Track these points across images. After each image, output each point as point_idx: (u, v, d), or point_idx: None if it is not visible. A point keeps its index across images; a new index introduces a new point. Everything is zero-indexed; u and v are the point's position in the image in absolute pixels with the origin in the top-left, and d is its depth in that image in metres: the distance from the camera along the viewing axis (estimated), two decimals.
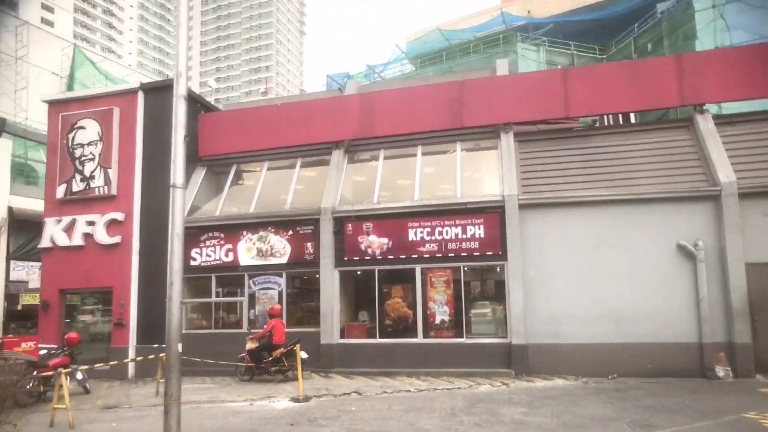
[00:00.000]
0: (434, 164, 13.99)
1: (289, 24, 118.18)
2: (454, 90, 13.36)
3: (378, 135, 13.86)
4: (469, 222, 12.01)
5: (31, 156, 22.81)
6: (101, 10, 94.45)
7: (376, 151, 14.17)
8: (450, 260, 12.01)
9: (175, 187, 5.84)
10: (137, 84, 15.71)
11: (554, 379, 10.50)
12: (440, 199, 12.48)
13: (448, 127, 13.33)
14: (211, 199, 14.91)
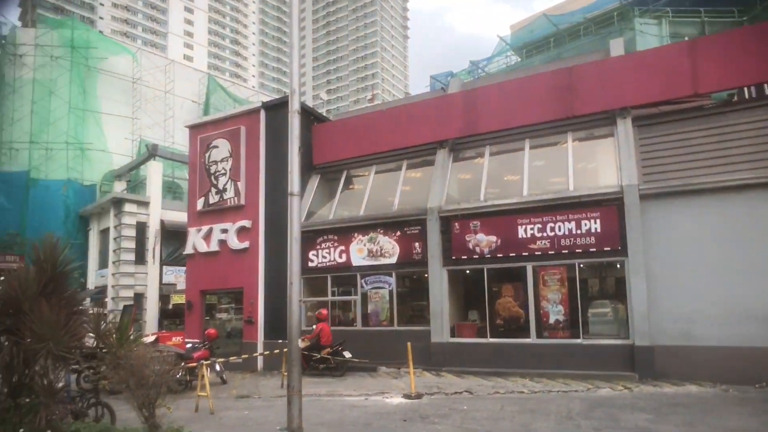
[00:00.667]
0: (543, 157, 13.32)
1: (393, 30, 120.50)
2: (563, 77, 12.61)
3: (482, 132, 13.55)
4: (584, 216, 11.25)
5: (177, 174, 26.03)
6: (229, 41, 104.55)
7: (481, 148, 13.87)
8: (563, 257, 11.35)
9: (292, 195, 6.20)
10: (259, 103, 17.10)
11: (686, 385, 9.39)
12: (551, 194, 11.84)
13: (558, 118, 12.59)
14: (325, 204, 15.77)
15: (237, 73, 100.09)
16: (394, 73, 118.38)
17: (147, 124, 31.40)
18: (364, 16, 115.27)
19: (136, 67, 32.01)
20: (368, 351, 12.63)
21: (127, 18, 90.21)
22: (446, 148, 14.07)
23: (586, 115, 12.38)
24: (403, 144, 14.71)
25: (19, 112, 28.96)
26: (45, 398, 6.02)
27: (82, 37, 30.47)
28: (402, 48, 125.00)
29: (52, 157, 28.10)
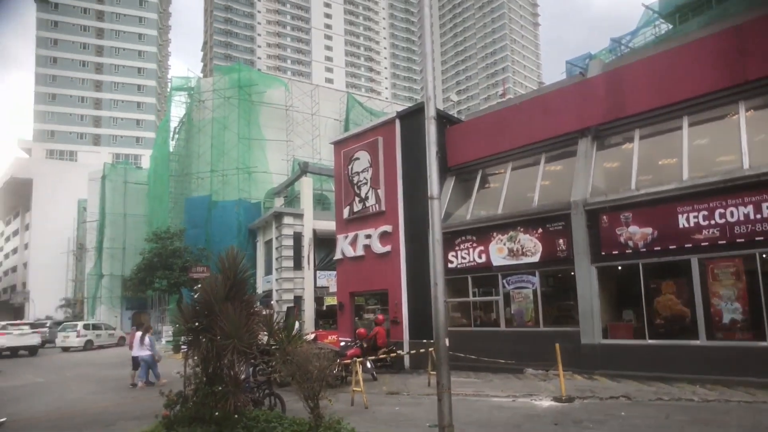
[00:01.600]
0: (706, 134, 11.58)
1: (522, 19, 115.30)
2: (728, 39, 10.83)
3: (630, 114, 12.18)
4: (765, 198, 9.55)
5: (325, 187, 28.24)
6: (363, 58, 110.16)
7: (629, 132, 12.50)
8: (738, 247, 9.74)
9: (432, 199, 6.32)
10: (394, 114, 17.77)
11: None
12: (719, 175, 10.23)
13: (724, 86, 10.81)
14: (461, 205, 15.74)
15: (372, 87, 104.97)
16: (525, 64, 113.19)
17: (298, 144, 34.69)
18: (491, 10, 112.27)
19: (288, 96, 35.61)
20: (513, 352, 12.28)
21: (279, 54, 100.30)
22: (588, 137, 13.04)
23: (763, 78, 10.46)
24: (540, 137, 14.02)
25: (202, 147, 34.28)
26: (232, 387, 7.03)
27: (246, 77, 34.92)
28: (532, 37, 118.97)
29: (227, 181, 32.65)
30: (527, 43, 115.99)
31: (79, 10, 76.76)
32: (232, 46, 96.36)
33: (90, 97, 76.29)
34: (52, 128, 74.10)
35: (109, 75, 77.40)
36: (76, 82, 75.45)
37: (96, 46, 77.17)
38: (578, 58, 26.30)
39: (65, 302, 56.39)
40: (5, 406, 11.54)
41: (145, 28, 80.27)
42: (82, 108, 75.75)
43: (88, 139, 75.65)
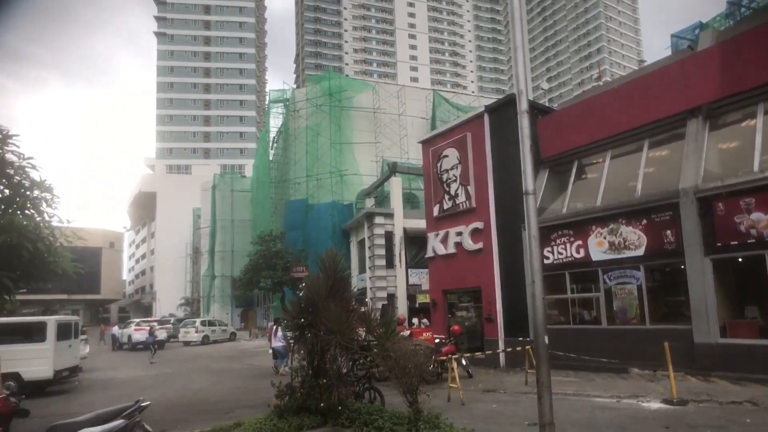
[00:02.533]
0: None
1: None
2: None
3: (752, 86, 10.77)
4: None
5: (414, 186, 28.50)
6: (448, 54, 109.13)
7: (751, 108, 11.09)
8: None
9: (527, 194, 6.18)
10: (482, 108, 17.43)
11: None
12: None
13: None
14: (556, 198, 15.09)
15: (457, 82, 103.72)
16: (623, 42, 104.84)
17: (386, 145, 35.36)
18: None
19: (375, 98, 36.46)
20: (615, 351, 11.54)
21: (365, 58, 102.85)
22: (699, 117, 11.84)
23: None
24: (641, 121, 13.00)
25: (298, 154, 36.30)
26: (336, 380, 7.47)
27: (335, 84, 36.37)
28: (631, 12, 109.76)
29: (321, 185, 34.23)
30: (625, 19, 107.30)
31: (190, 38, 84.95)
32: (321, 56, 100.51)
33: (200, 116, 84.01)
34: (171, 146, 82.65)
35: (215, 94, 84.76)
36: (188, 103, 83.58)
37: (204, 69, 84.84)
38: (686, 29, 23.73)
39: (184, 301, 62.55)
40: (145, 391, 13.19)
41: (244, 47, 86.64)
42: (194, 126, 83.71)
43: (200, 153, 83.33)
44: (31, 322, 15.32)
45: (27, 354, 13.65)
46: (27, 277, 6.62)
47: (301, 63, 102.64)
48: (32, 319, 17.04)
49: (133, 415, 5.26)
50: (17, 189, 6.75)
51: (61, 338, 14.81)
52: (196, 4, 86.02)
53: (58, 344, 14.59)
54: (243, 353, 26.58)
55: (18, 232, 6.22)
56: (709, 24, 22.68)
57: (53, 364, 14.22)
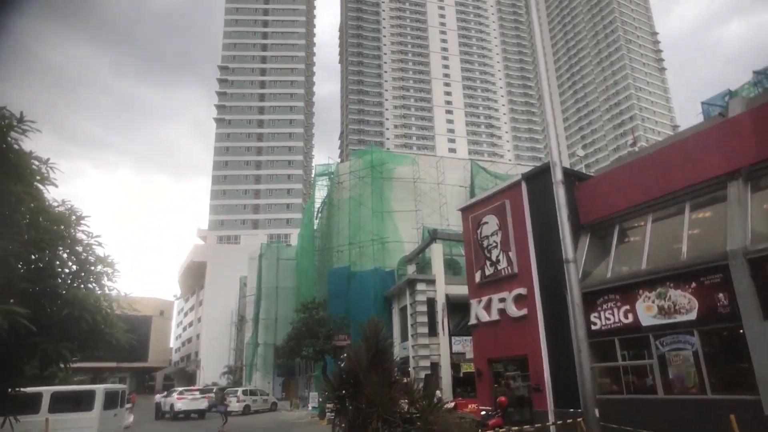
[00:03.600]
0: None
1: (645, 67, 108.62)
2: None
3: None
4: None
5: (455, 252, 28.46)
6: (484, 126, 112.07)
7: None
8: None
9: (568, 262, 6.21)
10: (519, 176, 17.72)
11: None
12: None
13: None
14: (599, 263, 14.78)
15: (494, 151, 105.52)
16: (654, 110, 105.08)
17: (426, 213, 35.92)
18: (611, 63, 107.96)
19: (415, 169, 37.61)
20: (674, 423, 10.72)
21: (405, 132, 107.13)
22: (740, 179, 11.68)
23: None
24: (680, 185, 12.91)
25: (341, 223, 37.37)
26: None
27: (377, 158, 37.99)
28: (659, 81, 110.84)
29: (364, 252, 34.73)
30: (654, 88, 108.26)
31: (245, 122, 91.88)
32: (364, 132, 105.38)
33: (251, 190, 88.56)
34: (222, 218, 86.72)
35: (265, 170, 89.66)
36: (241, 179, 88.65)
37: (256, 148, 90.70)
38: (715, 97, 23.77)
39: (227, 369, 62.35)
40: None
41: (293, 128, 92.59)
42: (245, 199, 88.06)
43: (248, 224, 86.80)
44: (81, 391, 15.50)
45: (73, 423, 13.65)
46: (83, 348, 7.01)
47: (345, 139, 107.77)
48: (82, 387, 17.26)
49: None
50: (83, 264, 7.23)
51: (107, 407, 14.81)
52: (252, 93, 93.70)
53: (104, 413, 14.57)
54: (284, 424, 25.98)
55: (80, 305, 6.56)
56: (738, 92, 22.69)
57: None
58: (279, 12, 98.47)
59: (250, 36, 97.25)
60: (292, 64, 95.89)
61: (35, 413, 12.51)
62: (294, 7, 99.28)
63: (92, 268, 7.31)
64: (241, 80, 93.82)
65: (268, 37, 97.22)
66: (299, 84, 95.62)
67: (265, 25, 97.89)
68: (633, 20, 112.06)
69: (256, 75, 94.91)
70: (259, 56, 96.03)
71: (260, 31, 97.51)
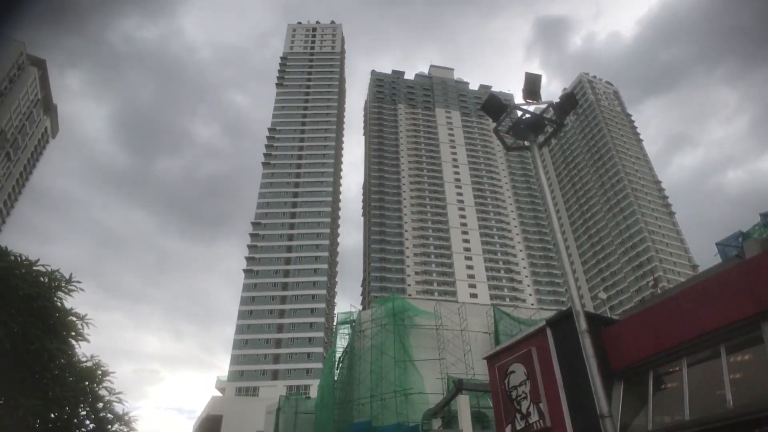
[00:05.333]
0: None
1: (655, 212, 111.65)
2: None
3: None
4: None
5: (482, 404, 26.37)
6: (503, 271, 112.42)
7: None
8: None
9: (603, 417, 5.71)
10: (542, 321, 17.26)
11: None
12: None
13: None
14: (638, 412, 13.47)
15: (515, 296, 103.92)
16: (671, 251, 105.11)
17: (451, 362, 34.20)
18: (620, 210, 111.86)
19: (437, 316, 36.94)
20: None
21: (426, 279, 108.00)
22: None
23: None
24: (711, 326, 12.31)
25: (363, 373, 35.66)
26: None
27: (399, 305, 37.73)
28: (671, 224, 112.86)
29: (386, 405, 32.40)
30: (667, 231, 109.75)
31: (272, 272, 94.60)
32: (386, 279, 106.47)
33: (273, 339, 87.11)
34: (243, 368, 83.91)
35: (288, 318, 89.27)
36: (264, 328, 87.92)
37: (280, 297, 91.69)
38: (729, 238, 24.05)
39: None
40: None
41: (317, 276, 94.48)
42: (267, 348, 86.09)
43: (268, 375, 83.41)
44: None
45: None
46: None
47: (367, 286, 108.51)
48: None
49: None
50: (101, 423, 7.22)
51: None
52: (280, 245, 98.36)
53: None
54: None
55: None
56: (750, 233, 22.99)
57: None
58: (309, 174, 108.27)
59: (282, 195, 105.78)
60: (318, 218, 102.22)
61: None
62: (323, 170, 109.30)
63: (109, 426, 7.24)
64: (272, 234, 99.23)
65: (299, 196, 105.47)
66: (324, 236, 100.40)
67: (297, 186, 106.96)
68: (636, 171, 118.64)
69: (285, 229, 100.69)
70: (289, 212, 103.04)
71: (291, 191, 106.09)
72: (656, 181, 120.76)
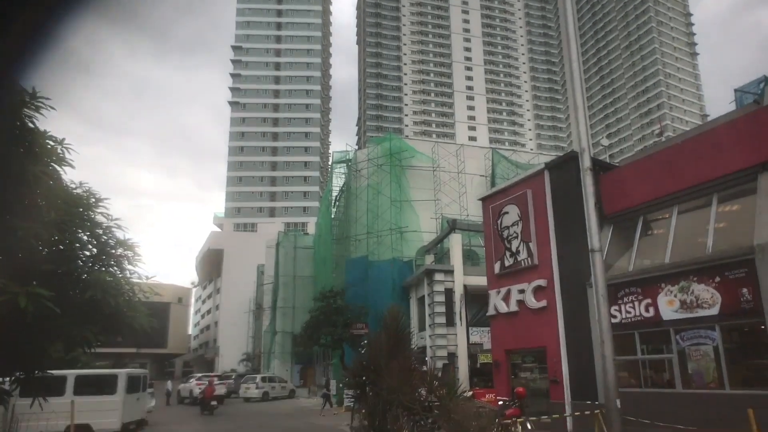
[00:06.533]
0: None
1: (677, 52, 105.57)
2: None
3: None
4: None
5: (473, 243, 28.60)
6: (506, 113, 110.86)
7: None
8: None
9: (594, 252, 6.24)
10: (541, 165, 17.74)
11: None
12: None
13: None
14: (622, 255, 14.82)
15: (515, 140, 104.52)
16: (683, 98, 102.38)
17: (446, 202, 35.98)
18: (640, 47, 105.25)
19: (434, 157, 37.63)
20: (692, 418, 10.84)
21: (424, 119, 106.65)
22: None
23: None
24: (709, 176, 12.82)
25: (359, 212, 37.67)
26: None
27: (396, 145, 38.02)
28: (690, 68, 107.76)
29: (382, 242, 35.06)
30: (685, 75, 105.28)
31: (260, 106, 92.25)
32: (382, 118, 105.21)
33: (267, 177, 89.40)
34: (239, 205, 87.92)
35: (282, 156, 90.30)
36: (257, 165, 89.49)
37: (272, 133, 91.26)
38: (750, 84, 23.24)
39: (246, 357, 63.75)
40: None
41: (310, 113, 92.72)
42: (262, 186, 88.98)
43: (265, 212, 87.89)
44: (104, 375, 16.06)
45: (98, 406, 14.14)
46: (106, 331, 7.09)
47: (362, 125, 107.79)
48: (105, 372, 17.93)
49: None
50: (103, 247, 7.21)
51: (130, 391, 15.30)
52: (267, 75, 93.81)
53: (127, 397, 15.08)
54: (303, 411, 26.73)
55: (102, 288, 6.60)
56: None
57: (121, 417, 14.66)
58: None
59: (264, 13, 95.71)
60: (308, 44, 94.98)
61: (60, 396, 12.98)
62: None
63: (112, 251, 7.27)
64: (256, 62, 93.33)
65: (283, 15, 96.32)
66: (315, 66, 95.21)
67: (280, 2, 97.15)
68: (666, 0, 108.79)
69: (271, 56, 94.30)
70: (273, 36, 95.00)
71: (274, 9, 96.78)
72: (686, 14, 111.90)
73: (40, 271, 6.22)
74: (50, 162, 6.48)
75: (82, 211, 7.04)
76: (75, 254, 6.95)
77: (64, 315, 6.12)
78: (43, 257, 6.21)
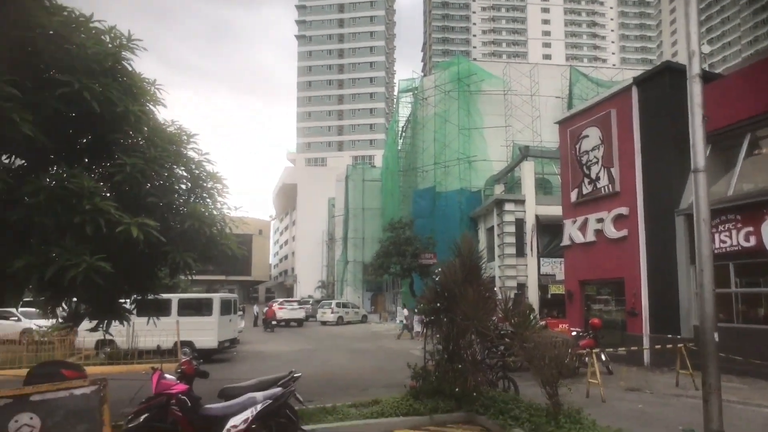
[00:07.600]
0: None
1: None
2: None
3: None
4: None
5: (546, 171, 27.06)
6: (586, 25, 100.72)
7: None
8: None
9: (697, 172, 5.59)
10: (629, 81, 15.89)
11: None
12: None
13: None
14: (719, 179, 13.19)
15: (596, 56, 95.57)
16: None
17: (517, 128, 34.01)
18: None
19: (506, 79, 35.19)
20: None
21: (494, 39, 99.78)
22: None
23: None
24: None
25: (426, 142, 36.69)
26: (471, 366, 7.48)
27: (464, 69, 35.89)
28: None
29: (449, 172, 34.17)
30: None
31: (326, 37, 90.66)
32: (449, 41, 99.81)
33: (335, 111, 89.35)
34: (309, 140, 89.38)
35: (348, 89, 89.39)
36: (324, 99, 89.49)
37: (338, 66, 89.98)
38: None
39: (321, 284, 67.39)
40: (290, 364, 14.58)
41: (374, 41, 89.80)
42: (329, 120, 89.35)
43: (334, 146, 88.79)
44: (201, 298, 17.79)
45: (197, 325, 15.73)
46: (202, 258, 7.67)
47: (428, 50, 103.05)
48: (202, 295, 19.90)
49: (288, 384, 5.86)
50: (197, 181, 7.73)
51: (223, 313, 16.88)
52: (331, 4, 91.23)
53: (221, 318, 16.65)
54: (374, 335, 27.94)
55: (199, 218, 7.11)
56: None
57: (218, 336, 16.25)
58: None
59: None
60: None
61: (167, 316, 14.45)
62: None
63: (205, 184, 7.81)
64: None
65: None
66: None
67: None
68: None
69: None
70: None
71: None
72: None
73: (145, 204, 6.82)
74: (147, 102, 7.09)
75: (176, 147, 7.49)
76: (173, 188, 7.49)
77: (168, 243, 6.74)
78: (146, 191, 6.75)
